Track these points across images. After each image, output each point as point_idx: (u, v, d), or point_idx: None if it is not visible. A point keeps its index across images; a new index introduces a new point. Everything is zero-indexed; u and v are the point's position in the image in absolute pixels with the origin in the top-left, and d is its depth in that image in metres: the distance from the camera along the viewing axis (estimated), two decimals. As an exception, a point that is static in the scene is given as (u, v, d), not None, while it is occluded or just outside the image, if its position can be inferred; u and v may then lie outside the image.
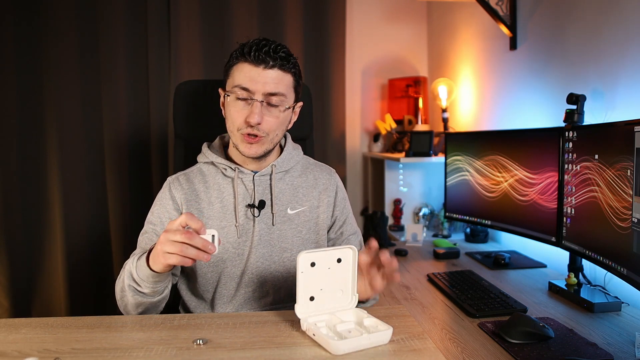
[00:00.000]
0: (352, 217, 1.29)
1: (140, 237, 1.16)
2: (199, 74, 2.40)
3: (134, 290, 0.99)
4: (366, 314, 0.88)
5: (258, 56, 1.03)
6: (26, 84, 2.28)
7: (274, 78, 1.05)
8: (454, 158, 1.97)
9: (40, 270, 2.36)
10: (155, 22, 2.37)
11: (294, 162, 1.20)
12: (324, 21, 2.56)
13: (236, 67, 1.07)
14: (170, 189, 1.16)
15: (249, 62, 1.05)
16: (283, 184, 1.18)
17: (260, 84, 1.04)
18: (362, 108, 2.81)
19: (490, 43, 2.17)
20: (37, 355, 0.76)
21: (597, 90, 1.51)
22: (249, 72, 1.05)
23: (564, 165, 1.43)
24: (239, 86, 1.06)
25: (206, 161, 1.18)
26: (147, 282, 0.97)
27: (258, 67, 1.04)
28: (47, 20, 2.27)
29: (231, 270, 1.14)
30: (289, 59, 1.08)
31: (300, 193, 1.19)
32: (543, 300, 1.36)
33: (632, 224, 1.09)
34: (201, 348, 0.80)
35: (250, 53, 1.04)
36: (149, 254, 0.95)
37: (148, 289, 0.98)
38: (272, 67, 1.05)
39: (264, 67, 1.04)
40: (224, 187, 1.15)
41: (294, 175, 1.20)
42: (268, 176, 1.16)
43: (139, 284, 0.97)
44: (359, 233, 1.30)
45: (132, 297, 1.00)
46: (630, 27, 1.38)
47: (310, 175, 1.22)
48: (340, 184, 1.27)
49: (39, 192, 2.34)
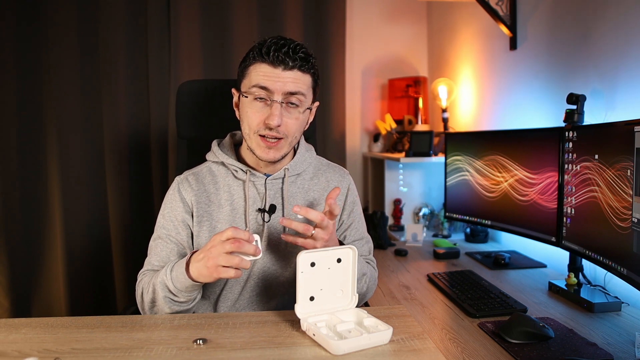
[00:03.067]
0: (361, 222, 1.24)
1: (153, 242, 1.12)
2: (199, 74, 2.40)
3: (171, 301, 0.99)
4: (366, 314, 0.88)
5: (277, 56, 1.00)
6: (26, 84, 2.28)
7: (294, 78, 1.02)
8: (454, 158, 1.97)
9: (40, 270, 2.36)
10: (155, 22, 2.37)
11: (307, 164, 1.18)
12: (324, 21, 2.56)
13: (253, 67, 1.03)
14: (179, 190, 1.13)
15: (267, 62, 1.01)
16: (295, 188, 1.15)
17: (280, 84, 1.01)
18: (362, 108, 2.81)
19: (490, 43, 2.17)
20: (37, 355, 0.76)
21: (597, 90, 1.51)
22: (268, 73, 1.01)
23: (564, 165, 1.43)
24: (257, 86, 1.02)
25: (216, 160, 1.15)
26: (186, 292, 0.97)
27: (277, 68, 1.01)
28: (47, 20, 2.27)
29: None
30: (309, 60, 1.04)
31: (311, 197, 1.16)
32: (543, 300, 1.36)
33: (632, 224, 1.09)
34: (201, 348, 0.80)
35: (270, 53, 1.00)
36: (187, 266, 0.95)
37: (185, 297, 0.98)
38: (292, 69, 1.02)
39: (283, 68, 1.01)
40: (234, 190, 1.12)
41: (305, 178, 1.18)
42: (280, 180, 1.13)
43: (176, 295, 0.97)
44: (368, 240, 1.24)
45: (168, 308, 1.00)
46: (630, 27, 1.38)
47: (322, 178, 1.20)
48: (352, 186, 1.24)
49: (39, 192, 2.34)
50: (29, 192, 2.32)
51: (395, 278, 1.61)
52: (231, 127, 1.25)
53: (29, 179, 2.32)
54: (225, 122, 1.44)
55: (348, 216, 1.21)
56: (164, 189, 2.41)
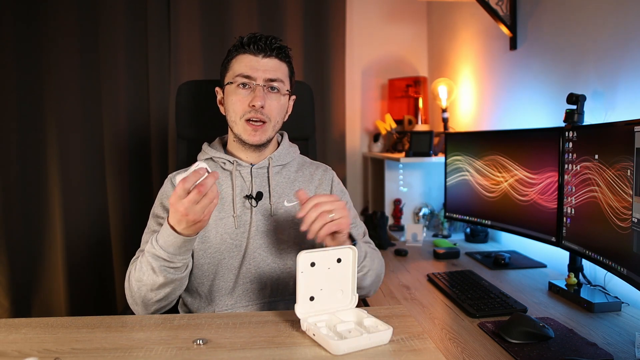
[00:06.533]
0: (353, 212, 1.27)
1: (145, 235, 1.16)
2: (199, 74, 2.40)
3: (166, 269, 0.99)
4: (366, 314, 0.88)
5: (258, 46, 1.12)
6: (26, 83, 2.28)
7: (272, 66, 1.14)
8: (454, 158, 1.97)
9: (40, 270, 2.36)
10: (155, 22, 2.37)
11: (291, 157, 1.24)
12: (324, 21, 2.56)
13: (235, 59, 1.15)
14: (172, 183, 1.18)
15: (248, 52, 1.13)
16: (280, 177, 1.21)
17: (261, 71, 1.12)
18: (362, 108, 2.81)
19: (490, 43, 2.17)
20: (37, 355, 0.76)
21: (597, 90, 1.51)
22: (250, 62, 1.13)
23: (564, 165, 1.43)
24: (240, 75, 1.12)
25: (206, 157, 1.21)
26: (180, 254, 0.98)
27: (257, 56, 1.13)
28: (47, 20, 2.27)
29: (229, 262, 1.14)
30: (284, 50, 1.17)
31: (297, 186, 1.21)
32: (543, 300, 1.36)
33: (632, 224, 1.09)
34: (201, 348, 0.80)
35: (250, 44, 1.13)
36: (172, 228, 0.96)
37: (181, 262, 1.00)
38: (270, 56, 1.14)
39: (263, 55, 1.13)
40: (222, 180, 1.18)
41: (290, 170, 1.24)
42: (265, 169, 1.19)
43: (171, 261, 0.98)
44: (361, 225, 1.29)
45: (162, 277, 0.99)
46: (630, 27, 1.38)
47: (307, 171, 1.26)
48: (336, 179, 1.29)
49: (39, 192, 2.34)
50: (29, 192, 2.32)
51: (395, 278, 1.61)
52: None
53: (29, 179, 2.32)
54: (225, 122, 1.44)
55: None
56: (164, 189, 2.41)
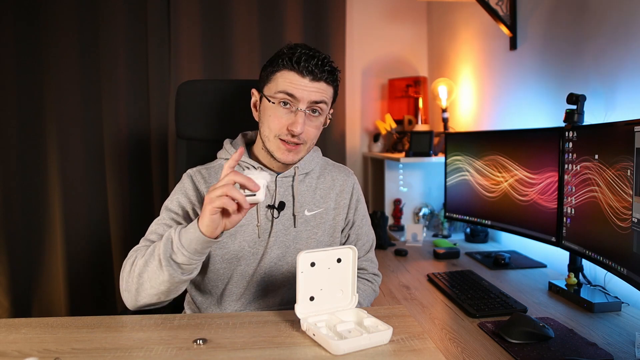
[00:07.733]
0: (365, 221, 1.27)
1: (154, 224, 1.09)
2: (199, 74, 2.40)
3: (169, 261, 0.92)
4: (366, 314, 0.88)
5: (307, 67, 1.04)
6: (26, 83, 2.28)
7: (319, 89, 1.06)
8: (454, 158, 1.97)
9: (40, 270, 2.36)
10: (155, 22, 2.37)
11: (315, 164, 1.22)
12: (324, 21, 2.56)
13: (281, 73, 1.06)
14: (192, 180, 1.14)
15: (295, 71, 1.04)
16: (303, 186, 1.18)
17: (306, 93, 1.05)
18: (362, 108, 2.81)
19: (490, 43, 2.17)
20: (37, 355, 0.76)
21: (597, 90, 1.51)
22: (296, 81, 1.05)
23: (564, 165, 1.43)
24: (284, 92, 1.05)
25: (228, 158, 1.16)
26: (192, 253, 0.92)
27: (305, 78, 1.05)
28: (47, 20, 2.27)
29: (244, 269, 1.13)
30: (334, 73, 1.09)
31: (318, 195, 1.19)
32: (543, 300, 1.36)
33: (632, 224, 1.09)
34: (201, 348, 0.80)
35: (300, 63, 1.04)
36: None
37: (188, 261, 0.93)
38: (319, 80, 1.06)
39: (311, 79, 1.05)
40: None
41: (313, 177, 1.21)
42: (290, 178, 1.16)
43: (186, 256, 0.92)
44: (371, 239, 1.28)
45: (167, 274, 0.93)
46: (630, 27, 1.38)
47: (328, 177, 1.23)
48: (357, 185, 1.27)
49: (39, 192, 2.34)
50: (29, 192, 2.32)
51: (395, 278, 1.61)
52: (231, 127, 1.25)
53: (29, 179, 2.32)
54: (225, 122, 1.43)
55: (353, 214, 1.24)
56: (164, 189, 2.41)
